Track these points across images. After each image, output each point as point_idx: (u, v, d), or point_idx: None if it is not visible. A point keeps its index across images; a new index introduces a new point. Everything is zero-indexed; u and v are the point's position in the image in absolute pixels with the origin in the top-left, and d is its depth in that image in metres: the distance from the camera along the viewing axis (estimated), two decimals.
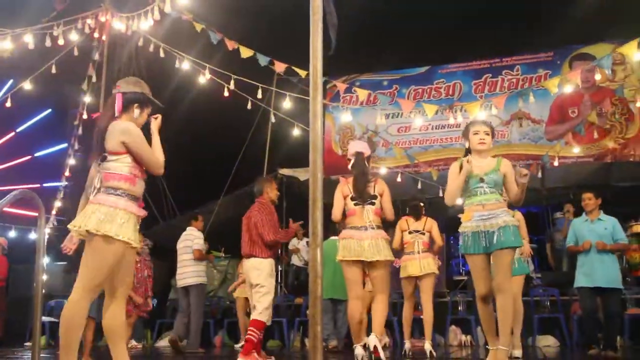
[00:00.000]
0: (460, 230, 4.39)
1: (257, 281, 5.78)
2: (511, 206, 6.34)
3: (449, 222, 10.79)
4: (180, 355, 7.57)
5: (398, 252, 6.54)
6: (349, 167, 5.36)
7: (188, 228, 8.38)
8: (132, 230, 3.51)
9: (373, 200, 5.15)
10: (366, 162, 5.32)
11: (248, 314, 9.10)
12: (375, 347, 4.93)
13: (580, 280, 6.19)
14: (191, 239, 8.23)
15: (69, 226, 3.52)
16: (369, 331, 6.91)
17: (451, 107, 7.79)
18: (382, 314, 5.09)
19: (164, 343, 9.52)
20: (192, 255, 8.08)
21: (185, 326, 8.06)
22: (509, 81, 11.64)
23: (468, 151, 4.51)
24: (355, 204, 5.15)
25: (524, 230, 6.25)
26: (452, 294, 9.38)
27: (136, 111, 3.71)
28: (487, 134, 4.43)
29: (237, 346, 8.83)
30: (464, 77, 11.97)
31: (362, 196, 5.13)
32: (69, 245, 3.83)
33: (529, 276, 7.82)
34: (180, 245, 8.22)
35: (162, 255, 8.13)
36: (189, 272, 8.07)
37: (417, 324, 7.97)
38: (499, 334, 4.28)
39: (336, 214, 5.23)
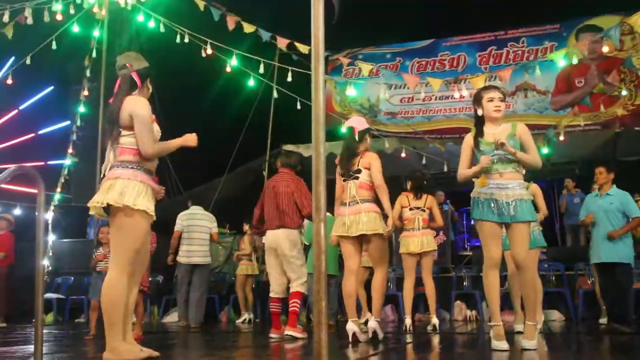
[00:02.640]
0: (472, 195, 4.26)
1: (292, 252, 5.71)
2: (526, 178, 6.32)
3: (455, 197, 10.81)
4: (188, 331, 7.61)
5: (397, 228, 6.51)
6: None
7: (196, 207, 8.34)
8: (150, 202, 3.55)
9: (357, 175, 5.06)
10: (356, 137, 5.18)
11: (252, 290, 9.20)
12: (374, 331, 4.93)
13: (592, 257, 6.18)
14: (209, 220, 8.28)
15: (89, 204, 3.51)
16: (369, 305, 6.97)
17: (456, 80, 7.68)
18: (379, 292, 5.04)
19: (170, 319, 9.58)
20: (207, 236, 8.16)
21: (185, 303, 8.11)
22: (514, 53, 11.52)
23: (480, 119, 4.35)
24: (343, 180, 5.13)
25: (541, 201, 6.22)
26: (457, 269, 9.39)
27: (150, 85, 3.77)
28: (502, 100, 4.31)
29: (239, 321, 8.89)
30: (468, 50, 11.85)
31: (347, 171, 5.09)
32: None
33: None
34: (191, 222, 8.15)
35: (167, 231, 8.11)
36: (201, 251, 8.13)
37: (422, 299, 8.02)
38: (526, 310, 4.23)
39: (338, 191, 5.19)
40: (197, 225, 8.15)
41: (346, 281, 5.07)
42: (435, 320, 6.40)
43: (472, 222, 4.54)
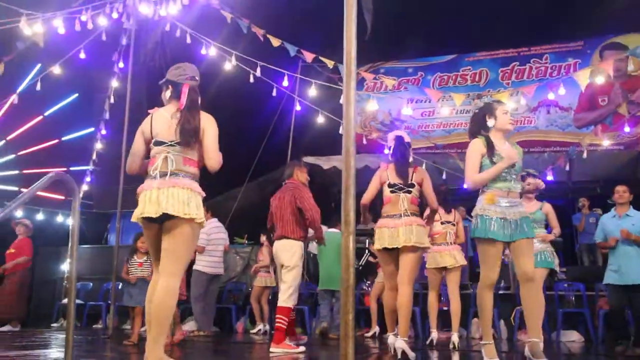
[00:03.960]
0: (479, 212, 4.17)
1: (288, 263, 5.68)
2: (540, 197, 6.28)
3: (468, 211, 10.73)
4: (205, 339, 7.66)
5: None
6: (389, 154, 5.24)
7: (214, 219, 8.63)
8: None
9: (410, 189, 5.03)
10: (406, 146, 5.21)
11: (269, 302, 9.21)
12: (403, 351, 4.84)
13: (609, 276, 6.08)
14: (224, 233, 8.70)
15: (170, 212, 3.48)
16: (379, 319, 6.91)
17: (479, 96, 7.70)
18: (408, 310, 4.90)
19: (187, 327, 9.62)
20: (223, 248, 8.60)
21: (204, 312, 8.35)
22: (537, 69, 11.50)
23: (487, 129, 4.33)
24: (392, 192, 5.05)
25: (554, 220, 6.18)
26: (474, 287, 9.30)
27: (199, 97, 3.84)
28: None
29: (253, 331, 8.93)
30: (491, 65, 11.86)
31: (403, 182, 5.03)
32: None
33: (553, 270, 7.73)
34: (215, 235, 8.51)
35: None
36: (221, 262, 8.59)
37: (440, 315, 7.96)
38: (530, 326, 4.18)
39: (366, 198, 5.10)
40: (220, 239, 8.58)
41: (387, 297, 5.13)
42: (455, 338, 6.35)
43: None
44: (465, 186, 4.46)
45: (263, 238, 9.20)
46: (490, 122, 4.32)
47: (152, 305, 3.48)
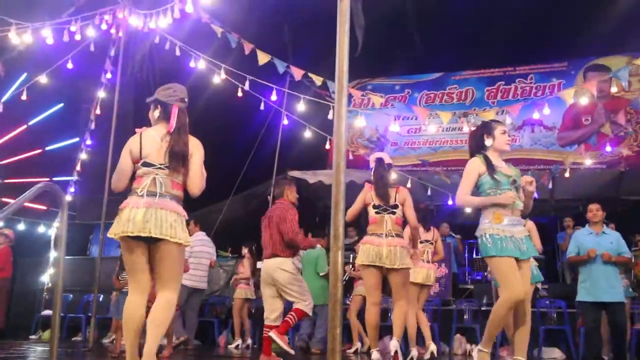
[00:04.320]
0: (491, 231, 4.13)
1: (287, 282, 5.69)
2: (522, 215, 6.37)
3: (459, 230, 10.81)
4: (186, 352, 7.59)
5: None
6: (372, 173, 5.41)
7: (201, 232, 8.55)
8: None
9: (394, 210, 5.21)
10: (385, 168, 5.38)
11: (249, 315, 9.18)
12: (396, 352, 5.02)
13: (583, 294, 6.11)
14: (211, 247, 8.65)
15: (157, 235, 3.54)
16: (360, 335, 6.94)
17: (465, 114, 7.77)
18: (401, 320, 5.20)
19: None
20: (208, 262, 8.52)
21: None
22: (522, 89, 11.68)
23: (484, 148, 4.34)
24: (376, 212, 5.23)
25: (536, 237, 6.31)
26: (457, 303, 9.34)
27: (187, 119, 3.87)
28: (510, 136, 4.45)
29: (231, 346, 8.86)
30: (477, 84, 12.03)
31: (385, 204, 5.19)
32: None
33: (535, 287, 7.81)
34: (198, 249, 8.42)
35: None
36: (204, 276, 8.52)
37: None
38: (517, 345, 4.21)
39: (350, 215, 5.26)
40: (204, 252, 8.49)
41: (372, 312, 5.18)
42: (433, 347, 6.45)
43: (480, 257, 4.55)
44: (453, 202, 4.50)
45: (245, 250, 9.20)
46: (488, 142, 4.34)
47: (135, 319, 3.57)
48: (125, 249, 3.65)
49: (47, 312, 10.33)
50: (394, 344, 5.07)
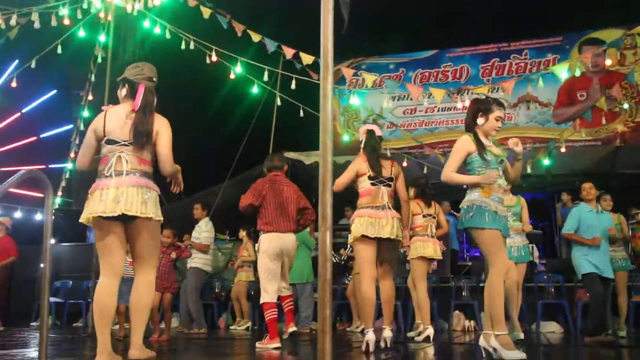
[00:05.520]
0: (475, 203, 4.17)
1: (291, 256, 5.79)
2: (519, 190, 6.40)
3: (456, 206, 10.81)
4: (188, 335, 7.63)
5: None
6: (361, 146, 5.30)
7: (207, 218, 8.65)
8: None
9: (390, 183, 5.14)
10: (377, 140, 5.29)
11: (249, 297, 9.21)
12: (386, 339, 4.99)
13: (589, 267, 6.08)
14: (198, 232, 8.52)
15: (129, 213, 3.55)
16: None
17: (459, 91, 7.74)
18: (392, 302, 5.15)
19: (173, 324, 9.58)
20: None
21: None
22: (517, 65, 11.60)
23: (475, 126, 4.35)
24: (372, 184, 5.09)
25: (526, 215, 6.43)
26: (456, 279, 9.38)
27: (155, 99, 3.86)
28: (502, 121, 4.42)
29: (235, 327, 8.92)
30: (471, 61, 11.94)
31: (379, 174, 5.09)
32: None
33: (532, 262, 7.83)
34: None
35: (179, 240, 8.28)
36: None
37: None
38: (496, 320, 4.14)
39: (340, 184, 5.08)
40: (194, 237, 8.53)
41: (368, 287, 4.93)
42: (430, 331, 6.40)
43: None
44: (441, 178, 4.45)
45: (243, 233, 9.19)
46: (480, 120, 4.33)
47: (107, 305, 3.55)
48: (98, 230, 3.63)
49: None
50: (387, 334, 4.98)
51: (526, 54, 11.66)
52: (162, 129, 3.73)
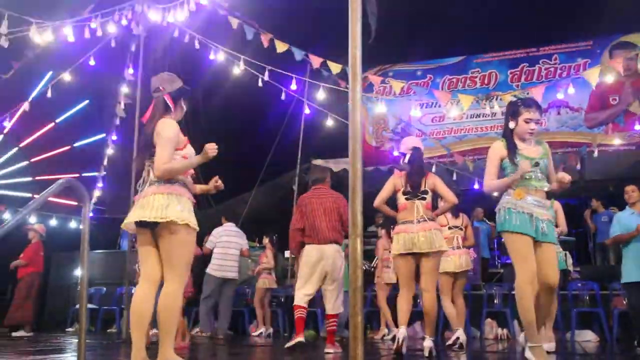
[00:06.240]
0: (506, 205, 4.12)
1: (338, 270, 5.81)
2: (548, 195, 6.31)
3: (486, 213, 10.71)
4: (215, 342, 7.69)
5: None
6: (404, 161, 5.38)
7: (230, 223, 8.65)
8: (191, 214, 3.67)
9: (424, 196, 5.20)
10: (421, 157, 5.41)
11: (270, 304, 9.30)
12: (430, 350, 4.97)
13: (631, 275, 5.98)
14: (240, 237, 8.66)
15: (128, 220, 3.62)
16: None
17: (487, 97, 7.67)
18: (434, 314, 5.13)
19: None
20: (238, 252, 8.54)
21: (209, 315, 8.56)
22: (547, 70, 11.45)
23: (510, 131, 4.25)
24: (406, 199, 5.22)
25: (561, 219, 6.30)
26: (487, 287, 9.27)
27: (183, 105, 3.87)
28: (538, 122, 4.23)
29: (255, 333, 9.00)
30: (499, 67, 11.82)
31: (415, 191, 5.19)
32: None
33: (566, 270, 7.70)
34: (224, 238, 8.50)
35: (198, 244, 8.36)
36: (234, 266, 8.51)
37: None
38: (538, 329, 4.07)
39: (378, 200, 5.30)
40: (231, 242, 8.53)
41: (402, 299, 5.13)
42: (463, 338, 6.35)
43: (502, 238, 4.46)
44: (480, 186, 4.45)
45: (266, 240, 9.31)
46: (511, 124, 4.25)
47: (140, 310, 3.54)
48: (138, 237, 3.73)
49: None
50: (427, 344, 5.01)
51: (556, 59, 11.50)
52: (161, 129, 3.65)
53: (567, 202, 10.74)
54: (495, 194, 4.35)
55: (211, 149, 3.72)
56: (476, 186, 9.42)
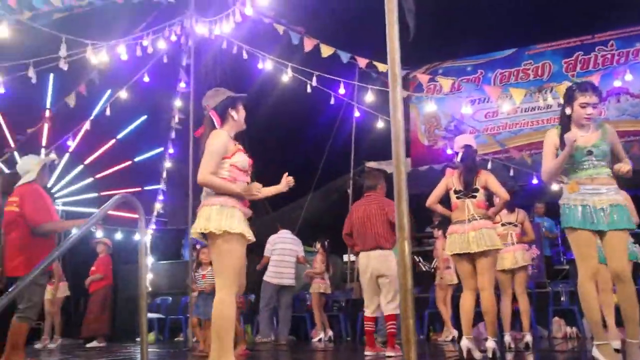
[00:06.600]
0: (562, 202, 4.01)
1: (388, 272, 5.81)
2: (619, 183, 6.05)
3: (547, 207, 10.40)
4: (278, 347, 7.77)
5: None
6: (457, 159, 5.31)
7: (285, 231, 8.72)
8: (241, 224, 3.68)
9: (474, 194, 5.12)
10: (474, 155, 5.32)
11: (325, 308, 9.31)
12: (494, 350, 4.91)
13: None
14: (296, 244, 8.81)
15: (194, 230, 3.73)
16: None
17: (540, 89, 7.44)
18: (494, 313, 5.06)
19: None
20: (294, 259, 8.69)
21: (270, 321, 8.66)
22: (603, 57, 11.00)
23: (567, 118, 4.10)
24: (457, 198, 5.17)
25: (632, 210, 5.97)
26: (553, 284, 8.99)
27: (233, 114, 3.90)
28: (595, 107, 4.05)
29: (315, 339, 9.02)
30: (553, 57, 11.43)
31: (466, 189, 5.13)
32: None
33: (637, 263, 7.37)
34: (279, 246, 8.60)
35: (256, 251, 8.48)
36: (290, 273, 8.66)
37: (516, 316, 7.77)
38: (627, 326, 3.89)
39: (431, 200, 5.29)
40: (286, 249, 8.65)
41: (468, 300, 5.07)
42: (529, 338, 6.20)
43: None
44: (538, 181, 4.33)
45: (318, 245, 9.33)
46: (567, 111, 4.11)
47: (228, 313, 3.61)
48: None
49: (150, 315, 10.86)
50: (490, 345, 4.93)
51: (612, 45, 11.03)
52: (208, 141, 3.75)
53: (636, 194, 10.30)
54: (556, 187, 4.22)
55: (257, 189, 3.80)
56: (535, 181, 9.16)
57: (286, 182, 4.05)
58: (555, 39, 11.43)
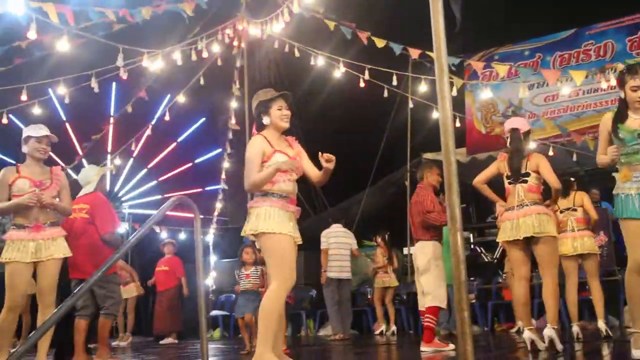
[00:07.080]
0: (615, 192, 3.91)
1: (423, 265, 5.78)
2: None
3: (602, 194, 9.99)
4: (344, 342, 7.82)
5: None
6: (508, 144, 5.16)
7: (337, 225, 8.77)
8: (287, 223, 3.73)
9: (525, 179, 4.93)
10: (522, 138, 5.10)
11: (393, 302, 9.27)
12: (551, 339, 4.73)
13: None
14: (350, 237, 8.76)
15: (242, 231, 3.87)
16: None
17: (602, 70, 7.15)
18: (554, 299, 4.85)
19: (325, 332, 9.85)
20: (348, 252, 8.63)
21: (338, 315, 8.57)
22: None
23: (624, 102, 3.97)
24: (509, 183, 5.02)
25: None
26: (623, 272, 8.63)
27: (265, 118, 3.90)
28: None
29: (377, 332, 9.04)
30: (616, 36, 10.87)
31: (516, 174, 4.96)
32: None
33: None
34: (333, 240, 8.61)
35: (316, 247, 8.56)
36: (346, 266, 8.61)
37: (585, 305, 7.53)
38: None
39: (478, 178, 5.12)
40: (341, 242, 8.63)
41: (519, 288, 4.94)
42: (601, 325, 5.99)
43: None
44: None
45: (378, 239, 9.31)
46: (621, 94, 3.99)
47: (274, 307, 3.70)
48: None
49: (215, 312, 11.14)
50: (547, 333, 4.75)
51: None
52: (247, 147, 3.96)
53: None
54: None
55: (284, 162, 3.76)
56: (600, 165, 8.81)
57: (325, 161, 3.81)
58: (617, 15, 10.87)
